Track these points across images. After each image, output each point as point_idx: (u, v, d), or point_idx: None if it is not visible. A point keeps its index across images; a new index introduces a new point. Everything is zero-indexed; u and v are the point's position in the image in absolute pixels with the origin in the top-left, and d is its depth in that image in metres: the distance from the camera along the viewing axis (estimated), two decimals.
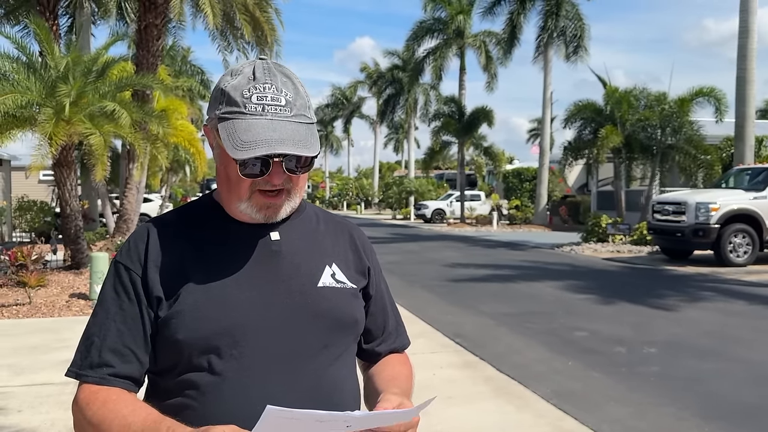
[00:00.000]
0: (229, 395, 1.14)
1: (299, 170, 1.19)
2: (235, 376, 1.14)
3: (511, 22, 26.96)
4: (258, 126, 1.13)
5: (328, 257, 1.29)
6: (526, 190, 32.51)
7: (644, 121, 18.58)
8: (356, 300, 1.30)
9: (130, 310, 1.18)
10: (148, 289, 1.18)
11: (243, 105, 1.14)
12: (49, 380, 4.86)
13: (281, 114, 1.14)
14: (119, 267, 1.21)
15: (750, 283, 10.69)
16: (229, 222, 1.24)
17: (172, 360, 1.17)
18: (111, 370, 1.15)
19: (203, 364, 1.15)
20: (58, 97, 9.47)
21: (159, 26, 12.87)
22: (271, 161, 1.14)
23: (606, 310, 8.37)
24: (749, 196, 13.13)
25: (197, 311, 1.15)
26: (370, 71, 45.27)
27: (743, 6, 16.52)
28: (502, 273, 11.94)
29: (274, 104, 1.15)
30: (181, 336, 1.14)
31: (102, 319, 1.19)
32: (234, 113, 1.15)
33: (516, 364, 5.66)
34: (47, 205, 18.14)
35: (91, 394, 1.15)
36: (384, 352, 1.40)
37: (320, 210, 1.40)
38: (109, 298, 1.20)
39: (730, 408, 4.56)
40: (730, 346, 6.37)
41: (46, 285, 9.06)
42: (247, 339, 1.16)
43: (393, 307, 1.45)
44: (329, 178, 59.28)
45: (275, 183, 1.17)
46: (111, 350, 1.16)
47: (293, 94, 1.17)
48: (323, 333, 1.22)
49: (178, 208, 1.34)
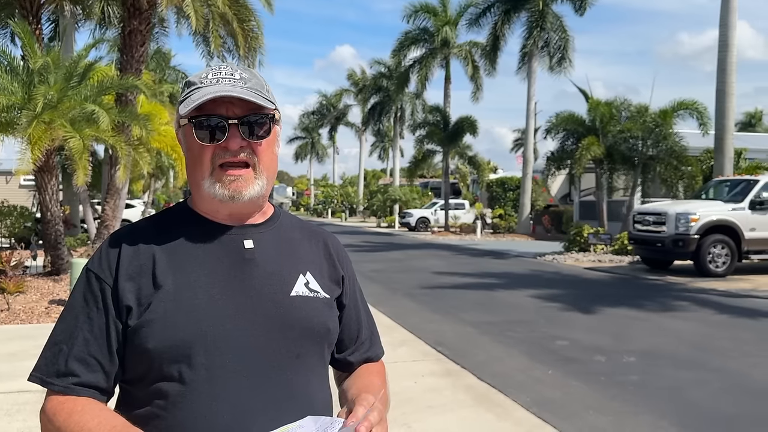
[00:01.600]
0: (198, 405, 1.13)
1: (258, 137, 1.20)
2: (205, 385, 1.13)
3: (495, 33, 27.18)
4: (210, 89, 1.18)
5: (302, 266, 1.29)
6: (509, 199, 32.72)
7: (626, 132, 18.78)
8: (330, 309, 1.29)
9: (98, 320, 1.17)
10: (118, 299, 1.17)
11: (200, 82, 1.20)
12: (27, 387, 4.80)
13: (235, 84, 1.20)
14: (90, 275, 1.21)
15: (728, 293, 10.82)
16: (203, 228, 1.24)
17: (143, 369, 1.16)
18: (76, 380, 1.15)
19: (173, 373, 1.14)
20: (39, 100, 9.39)
21: (143, 32, 12.81)
22: (227, 125, 1.18)
23: (586, 319, 8.43)
24: (728, 207, 13.31)
25: (167, 320, 1.14)
26: (357, 78, 45.40)
27: (723, 20, 16.78)
28: (484, 281, 11.99)
29: (228, 77, 1.20)
30: (151, 345, 1.14)
31: (70, 327, 1.18)
32: (191, 90, 1.20)
33: (497, 372, 5.69)
34: (28, 211, 17.93)
35: (58, 404, 1.14)
36: (357, 361, 1.39)
37: (295, 218, 1.41)
38: (78, 305, 1.20)
39: (707, 417, 4.61)
40: (709, 356, 6.44)
41: (26, 291, 8.95)
42: (218, 348, 1.15)
43: (368, 317, 1.45)
44: (314, 186, 59.19)
45: (232, 147, 1.18)
46: (77, 359, 1.15)
47: (249, 75, 1.23)
48: (295, 342, 1.21)
49: (151, 216, 1.34)
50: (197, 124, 1.19)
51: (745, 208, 13.21)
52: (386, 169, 59.60)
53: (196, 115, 1.19)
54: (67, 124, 9.68)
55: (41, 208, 11.02)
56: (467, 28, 28.47)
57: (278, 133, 1.29)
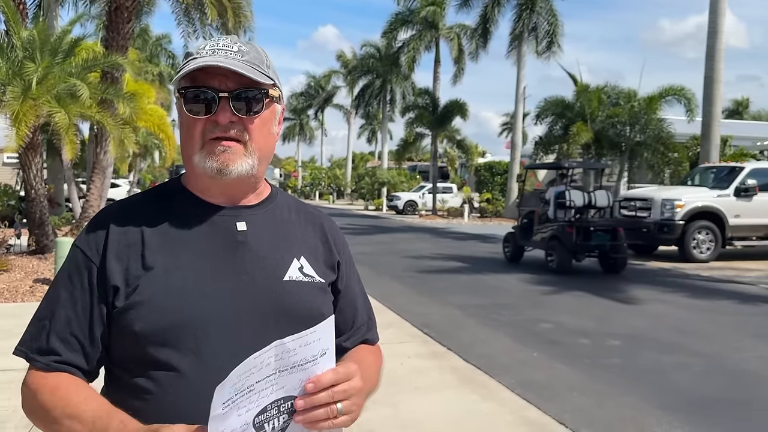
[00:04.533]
0: (185, 391, 1.10)
1: (250, 113, 1.16)
2: (193, 370, 1.11)
3: (485, 15, 27.06)
4: (204, 60, 1.14)
5: (296, 249, 1.25)
6: (497, 183, 32.80)
7: (614, 117, 18.83)
8: (324, 295, 1.26)
9: (82, 299, 1.15)
10: (105, 279, 1.14)
11: (197, 53, 1.17)
12: (11, 366, 4.77)
13: (232, 56, 1.16)
14: (77, 252, 1.18)
15: (712, 278, 10.94)
16: (195, 208, 1.21)
17: (129, 352, 1.13)
18: (57, 358, 1.13)
19: (160, 357, 1.11)
20: (24, 76, 9.26)
21: (129, 8, 12.64)
22: (217, 97, 1.14)
23: (571, 302, 8.50)
24: (713, 194, 13.43)
25: (155, 302, 1.11)
26: (346, 59, 45.05)
27: (712, 7, 16.81)
28: (471, 265, 12.05)
29: (225, 49, 1.17)
30: (138, 327, 1.11)
31: (53, 304, 1.17)
32: (186, 62, 1.17)
33: (482, 354, 5.73)
34: (11, 189, 17.72)
35: (41, 378, 1.13)
36: (352, 347, 1.36)
37: (292, 199, 1.36)
38: (62, 282, 1.17)
39: (688, 400, 4.68)
40: (691, 340, 6.52)
41: (9, 270, 8.88)
42: (207, 333, 1.12)
43: (365, 302, 1.41)
44: (302, 168, 58.97)
45: (221, 121, 1.14)
46: (58, 337, 1.14)
47: (248, 48, 1.19)
48: (288, 328, 1.14)
49: (143, 192, 1.30)
50: (187, 96, 1.15)
51: (730, 194, 13.33)
52: (374, 152, 59.46)
53: (188, 86, 1.16)
54: (52, 101, 9.56)
55: (25, 187, 10.90)
56: (457, 9, 28.37)
57: (277, 111, 1.23)
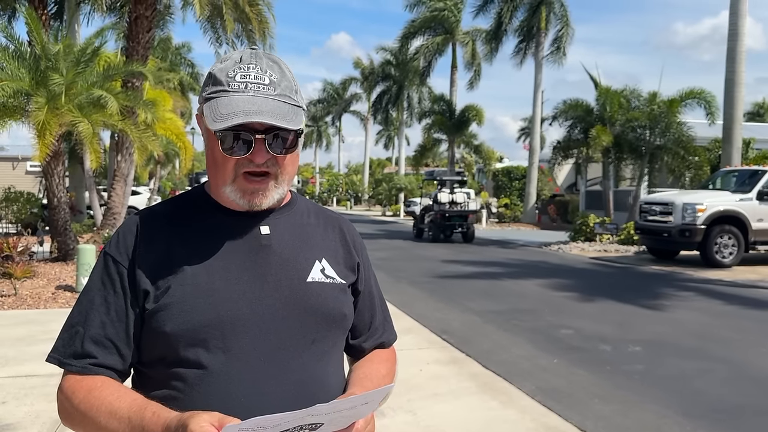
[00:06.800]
0: (214, 388, 1.14)
1: (283, 151, 1.18)
2: (222, 369, 1.15)
3: (499, 19, 27.04)
4: (239, 100, 1.14)
5: (317, 252, 1.29)
6: (515, 188, 32.61)
7: (634, 121, 18.67)
8: (345, 295, 1.30)
9: (115, 303, 1.19)
10: (135, 283, 1.18)
11: (227, 84, 1.16)
12: (34, 372, 4.84)
13: (264, 92, 1.16)
14: (108, 258, 1.22)
15: (734, 283, 10.79)
16: (220, 214, 1.24)
17: (159, 352, 1.17)
18: (93, 361, 1.17)
19: (190, 357, 1.15)
20: (50, 87, 9.42)
21: (149, 18, 12.82)
22: (254, 138, 1.15)
23: (591, 308, 8.42)
24: (735, 197, 13.25)
25: (185, 304, 1.15)
26: (363, 66, 45.21)
27: (733, 9, 16.63)
28: (489, 270, 11.99)
29: (257, 82, 1.16)
30: (168, 328, 1.15)
31: (86, 308, 1.20)
32: (218, 92, 1.16)
33: (502, 360, 5.70)
34: (34, 197, 17.99)
35: (76, 382, 1.16)
36: (369, 348, 1.40)
37: (312, 203, 1.40)
38: (95, 288, 1.21)
39: (711, 407, 4.61)
40: (714, 346, 6.43)
41: (33, 276, 9.00)
42: (235, 333, 1.16)
43: (382, 303, 1.45)
44: (319, 174, 59.18)
45: (257, 162, 1.16)
46: (93, 341, 1.17)
47: (279, 76, 1.19)
48: (311, 328, 1.22)
49: (168, 200, 1.33)
50: (223, 138, 1.16)
51: (753, 198, 13.14)
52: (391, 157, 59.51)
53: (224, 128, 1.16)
54: (75, 110, 9.71)
55: (48, 194, 11.06)
56: (473, 15, 28.46)
57: (302, 135, 1.25)
